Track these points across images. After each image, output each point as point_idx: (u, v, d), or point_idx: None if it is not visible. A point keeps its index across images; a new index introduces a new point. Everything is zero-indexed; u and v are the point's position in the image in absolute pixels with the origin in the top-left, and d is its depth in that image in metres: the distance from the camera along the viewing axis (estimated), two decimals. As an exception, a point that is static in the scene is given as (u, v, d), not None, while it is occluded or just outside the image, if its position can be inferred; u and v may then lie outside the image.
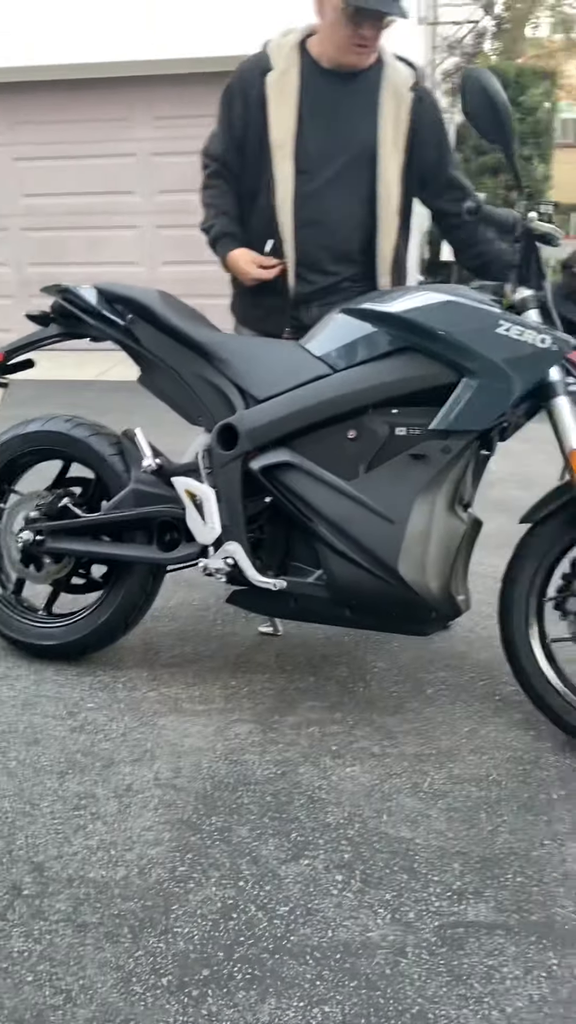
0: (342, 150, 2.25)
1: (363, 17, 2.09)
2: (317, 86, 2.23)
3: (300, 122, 2.22)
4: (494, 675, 2.40)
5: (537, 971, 1.46)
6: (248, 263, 2.28)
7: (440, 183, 2.33)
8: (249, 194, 2.32)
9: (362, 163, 2.25)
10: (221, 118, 2.32)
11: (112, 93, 7.58)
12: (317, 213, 2.26)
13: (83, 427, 2.39)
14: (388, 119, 2.23)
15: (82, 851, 1.74)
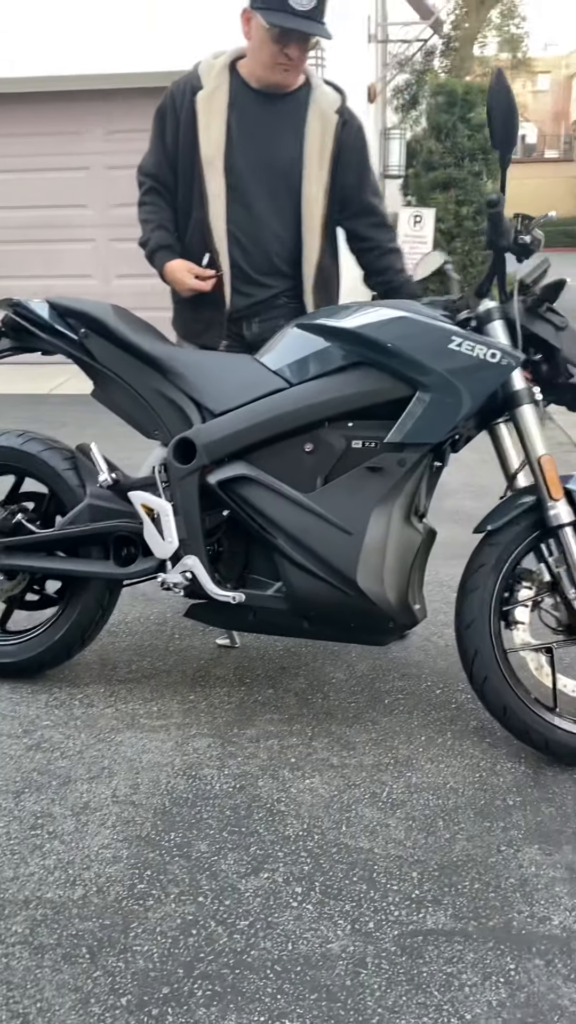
0: (269, 168, 2.30)
1: (288, 38, 2.14)
2: (246, 105, 2.28)
3: (229, 139, 2.27)
4: (450, 683, 2.43)
5: (495, 977, 1.48)
6: (185, 273, 2.32)
7: (356, 206, 2.38)
8: (184, 209, 2.37)
9: (288, 181, 2.31)
10: (154, 136, 2.37)
11: (66, 106, 7.56)
12: (248, 228, 2.32)
13: (36, 442, 2.37)
14: (314, 140, 2.29)
15: (39, 871, 1.72)
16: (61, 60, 7.15)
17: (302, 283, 2.37)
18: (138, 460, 2.31)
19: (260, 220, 2.32)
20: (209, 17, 7.02)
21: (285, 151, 2.29)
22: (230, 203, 2.29)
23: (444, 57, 13.54)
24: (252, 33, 2.19)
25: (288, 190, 2.30)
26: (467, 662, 2.03)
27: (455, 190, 8.11)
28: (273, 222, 2.32)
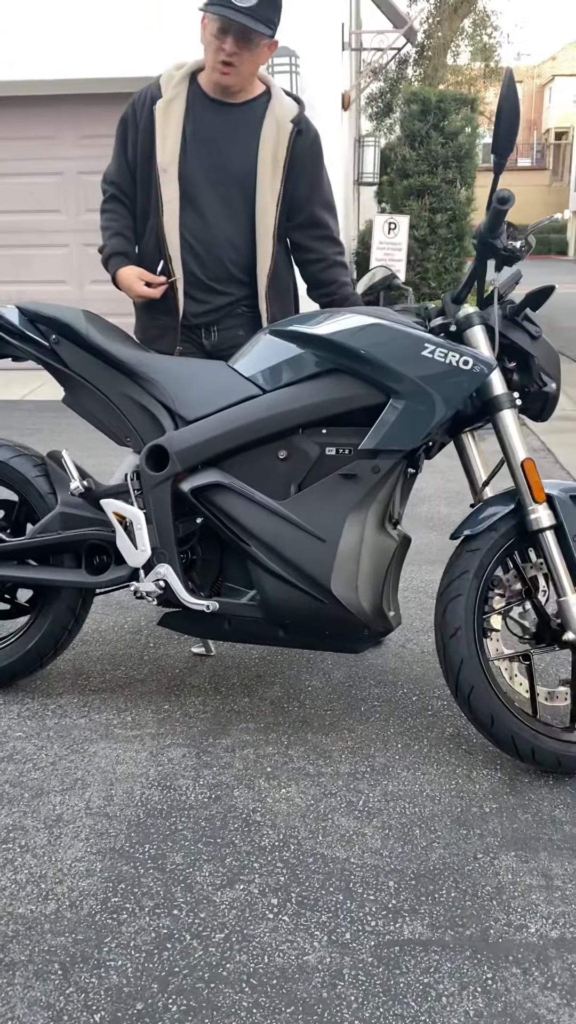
0: (223, 176, 2.31)
1: (225, 32, 2.15)
2: (202, 114, 2.29)
3: (184, 147, 2.28)
4: (426, 690, 2.43)
5: (472, 986, 1.47)
6: (135, 280, 2.34)
7: (303, 217, 2.38)
8: (142, 216, 2.39)
9: (242, 189, 2.31)
10: (116, 145, 2.39)
11: (38, 111, 7.52)
12: (202, 235, 2.32)
13: (5, 448, 2.34)
14: (267, 148, 2.30)
15: (10, 886, 1.69)
16: (35, 65, 7.11)
17: (256, 290, 2.38)
18: (110, 467, 2.29)
19: (213, 227, 2.32)
20: (182, 25, 7.01)
21: (239, 159, 2.30)
22: (183, 210, 2.30)
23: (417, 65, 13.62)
24: (204, 36, 2.23)
25: (243, 198, 2.31)
26: (452, 672, 2.00)
27: (429, 197, 8.15)
28: (227, 229, 2.33)
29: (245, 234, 2.34)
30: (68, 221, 7.76)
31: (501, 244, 1.96)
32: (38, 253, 7.80)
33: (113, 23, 7.07)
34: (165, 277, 2.33)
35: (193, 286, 2.36)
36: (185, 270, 2.34)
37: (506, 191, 1.90)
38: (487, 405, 2.02)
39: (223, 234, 2.33)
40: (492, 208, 1.89)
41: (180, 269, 2.34)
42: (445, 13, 13.17)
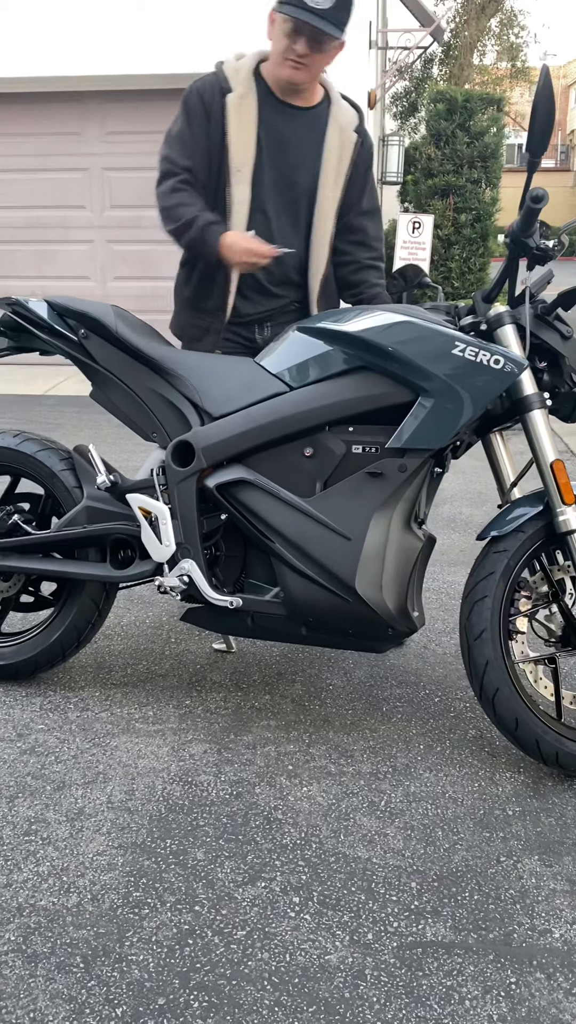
0: (290, 182, 2.30)
1: (298, 33, 2.14)
2: (272, 116, 2.27)
3: (259, 151, 2.26)
4: (448, 691, 2.41)
5: (496, 990, 1.46)
6: (251, 239, 2.21)
7: (348, 222, 2.39)
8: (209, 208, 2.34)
9: (306, 196, 2.32)
10: (185, 129, 2.28)
11: (65, 107, 7.55)
12: (266, 238, 2.29)
13: (32, 442, 2.35)
14: (332, 157, 2.31)
15: (32, 878, 1.69)
16: (61, 61, 7.15)
17: (308, 294, 2.39)
18: (133, 462, 2.29)
19: (277, 232, 2.31)
20: (208, 21, 7.02)
21: (306, 166, 2.31)
22: (252, 212, 2.29)
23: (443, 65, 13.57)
24: (273, 34, 2.20)
25: (305, 204, 2.32)
26: (476, 674, 1.99)
27: (454, 197, 8.11)
28: (289, 235, 2.33)
29: (303, 239, 2.34)
30: (93, 217, 7.78)
31: (534, 243, 1.94)
32: (62, 249, 7.83)
33: (139, 20, 7.09)
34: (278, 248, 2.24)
35: (250, 288, 2.35)
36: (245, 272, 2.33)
37: (540, 189, 1.88)
38: (517, 405, 2.00)
39: (286, 239, 2.32)
40: (525, 207, 1.87)
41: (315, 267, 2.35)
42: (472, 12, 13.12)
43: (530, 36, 27.71)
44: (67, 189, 7.71)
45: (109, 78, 7.21)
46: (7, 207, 7.78)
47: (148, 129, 7.50)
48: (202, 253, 2.27)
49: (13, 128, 7.64)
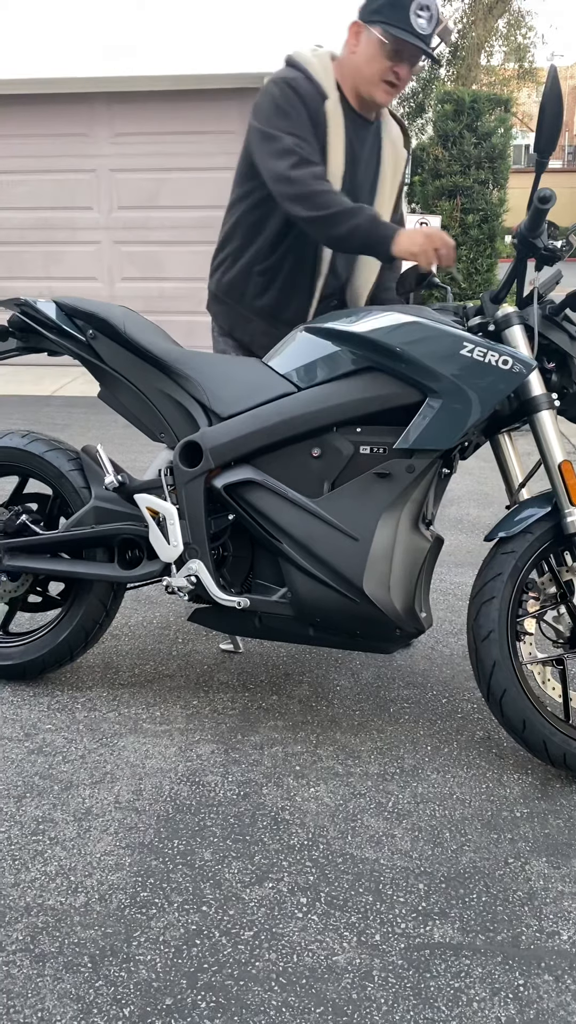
0: (359, 196, 2.31)
1: (401, 56, 2.14)
2: (352, 130, 2.26)
3: (348, 162, 2.26)
4: (456, 693, 2.41)
5: (504, 992, 1.46)
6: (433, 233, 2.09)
7: None
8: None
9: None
10: (302, 130, 2.16)
11: (73, 109, 7.57)
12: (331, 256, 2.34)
13: (40, 442, 2.35)
14: (387, 173, 2.35)
15: (40, 878, 1.70)
16: (69, 62, 7.16)
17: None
18: (140, 462, 2.30)
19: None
20: (216, 23, 7.03)
21: (369, 180, 2.34)
22: None
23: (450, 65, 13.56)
24: (361, 47, 2.17)
25: None
26: (484, 675, 1.98)
27: (461, 198, 8.11)
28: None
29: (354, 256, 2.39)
30: (100, 218, 7.80)
31: (542, 243, 1.94)
32: (70, 249, 7.85)
33: (146, 22, 7.11)
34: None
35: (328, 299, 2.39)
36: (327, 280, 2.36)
37: (547, 190, 1.88)
38: (525, 406, 2.00)
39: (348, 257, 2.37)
40: (533, 207, 1.87)
41: (323, 275, 2.34)
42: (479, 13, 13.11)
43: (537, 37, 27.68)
44: (75, 190, 7.73)
45: (117, 80, 7.22)
46: (15, 208, 7.81)
47: (156, 131, 7.52)
48: (366, 244, 2.12)
49: (21, 129, 7.66)
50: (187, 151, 7.49)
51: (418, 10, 2.09)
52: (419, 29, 2.10)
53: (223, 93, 7.37)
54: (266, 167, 2.17)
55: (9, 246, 7.89)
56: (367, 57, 2.17)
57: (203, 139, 7.48)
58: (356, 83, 2.21)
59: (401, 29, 2.10)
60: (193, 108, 7.41)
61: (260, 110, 2.19)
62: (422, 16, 2.10)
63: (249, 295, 2.40)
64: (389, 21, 2.11)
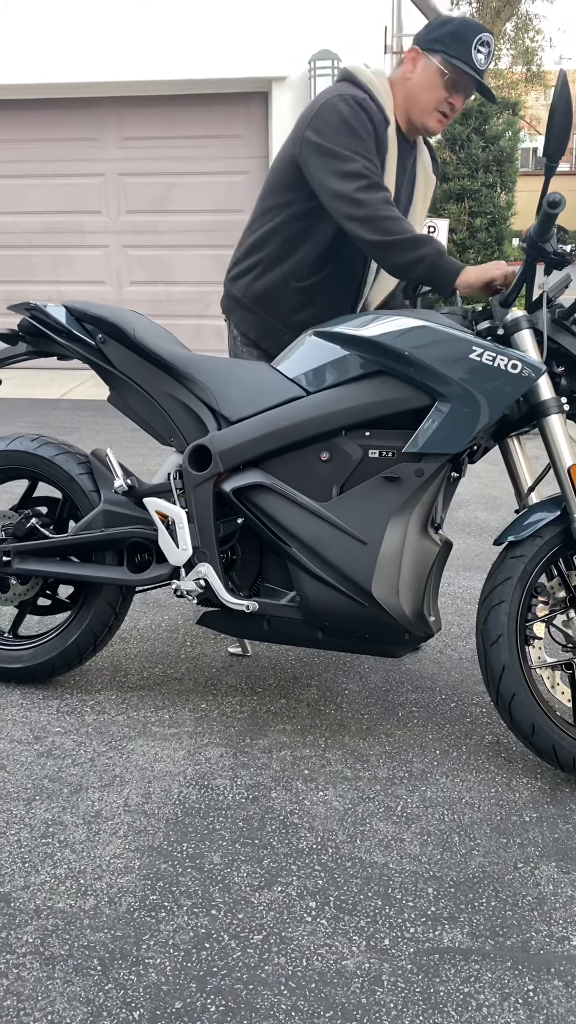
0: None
1: (458, 88, 2.19)
2: (401, 155, 2.28)
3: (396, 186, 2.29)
4: (464, 697, 2.40)
5: (514, 997, 1.45)
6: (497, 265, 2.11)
7: None
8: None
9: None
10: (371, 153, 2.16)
11: (81, 113, 7.60)
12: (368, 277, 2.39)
13: (50, 446, 2.36)
14: (420, 195, 2.40)
15: (50, 880, 1.70)
16: (79, 67, 7.19)
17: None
18: (148, 466, 2.30)
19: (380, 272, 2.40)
20: (225, 28, 7.05)
21: (406, 202, 2.38)
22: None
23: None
24: (420, 74, 2.20)
25: None
26: (493, 679, 1.98)
27: (469, 201, 8.10)
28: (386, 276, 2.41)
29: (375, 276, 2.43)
30: (109, 222, 7.82)
31: (551, 247, 1.94)
32: (78, 254, 7.87)
33: (155, 27, 7.13)
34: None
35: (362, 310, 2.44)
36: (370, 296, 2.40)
37: (557, 194, 1.88)
38: (534, 410, 2.00)
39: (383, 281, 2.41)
40: (542, 211, 1.87)
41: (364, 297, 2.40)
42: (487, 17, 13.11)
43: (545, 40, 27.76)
44: (83, 194, 7.76)
45: (126, 84, 7.25)
46: (24, 212, 7.84)
47: (164, 135, 7.54)
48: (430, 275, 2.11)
49: (30, 134, 7.70)
50: (195, 155, 7.52)
51: (479, 45, 2.16)
52: (477, 64, 2.17)
53: (231, 97, 7.39)
54: (326, 185, 2.13)
55: (18, 250, 7.92)
56: (425, 85, 2.20)
57: (211, 143, 7.50)
58: (409, 109, 2.24)
59: (462, 62, 2.15)
60: (201, 112, 7.43)
61: (326, 125, 2.14)
62: (481, 52, 2.17)
63: (283, 308, 2.37)
64: (450, 52, 2.16)
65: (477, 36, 2.15)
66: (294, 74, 7.15)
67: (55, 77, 7.24)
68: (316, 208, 2.23)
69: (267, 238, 2.35)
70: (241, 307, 2.45)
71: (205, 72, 7.11)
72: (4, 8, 7.23)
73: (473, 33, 2.16)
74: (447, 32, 2.17)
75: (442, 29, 2.19)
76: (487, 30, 2.23)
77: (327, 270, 2.34)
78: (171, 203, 7.66)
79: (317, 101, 2.22)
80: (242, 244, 2.44)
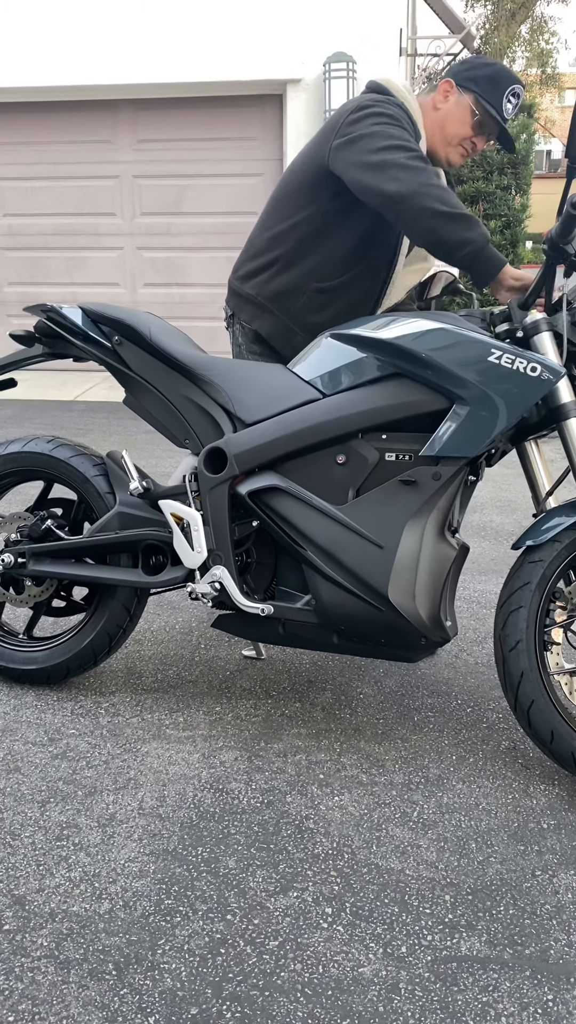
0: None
1: (482, 131, 2.25)
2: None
3: None
4: (480, 702, 2.39)
5: (533, 1007, 1.44)
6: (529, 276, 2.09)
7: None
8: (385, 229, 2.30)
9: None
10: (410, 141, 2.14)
11: (96, 115, 7.63)
12: (382, 291, 2.44)
13: (65, 447, 2.36)
14: None
15: (65, 883, 1.69)
16: (94, 70, 7.21)
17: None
18: (163, 468, 2.30)
19: (396, 282, 2.45)
20: (239, 31, 7.05)
21: None
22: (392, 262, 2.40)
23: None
24: (451, 107, 2.26)
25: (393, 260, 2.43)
26: (511, 685, 1.96)
27: (483, 204, 8.08)
28: (398, 283, 2.47)
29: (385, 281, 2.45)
30: (123, 224, 7.84)
31: (572, 249, 1.92)
32: (92, 256, 7.90)
33: (170, 29, 7.14)
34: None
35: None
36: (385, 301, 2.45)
37: None
38: (553, 413, 1.98)
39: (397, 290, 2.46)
40: (565, 212, 1.85)
41: (383, 307, 2.44)
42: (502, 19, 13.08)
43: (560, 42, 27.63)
44: (98, 196, 7.79)
45: (141, 87, 7.27)
46: (39, 214, 7.87)
47: (178, 137, 7.56)
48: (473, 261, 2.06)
49: (45, 136, 7.73)
50: (209, 157, 7.53)
51: (510, 95, 2.22)
52: (505, 112, 2.23)
53: (245, 100, 7.40)
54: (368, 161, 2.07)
55: (33, 252, 7.95)
56: (455, 118, 2.26)
57: (225, 146, 7.51)
58: (433, 136, 2.28)
59: (493, 107, 2.21)
60: (216, 115, 7.45)
61: (360, 118, 2.12)
62: (511, 102, 2.23)
63: (298, 309, 2.36)
64: (484, 95, 2.22)
65: (511, 87, 2.23)
66: (309, 76, 7.16)
67: (70, 80, 7.27)
68: (341, 208, 2.23)
69: (286, 236, 2.34)
70: (254, 305, 2.43)
71: (219, 75, 7.13)
72: (17, 11, 7.26)
73: (508, 82, 2.23)
74: (484, 75, 2.23)
75: (480, 71, 2.25)
76: (521, 82, 2.29)
77: (352, 273, 2.33)
78: (185, 205, 7.68)
79: (347, 106, 2.23)
80: (254, 242, 2.43)
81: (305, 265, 2.33)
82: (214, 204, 7.57)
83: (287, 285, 2.36)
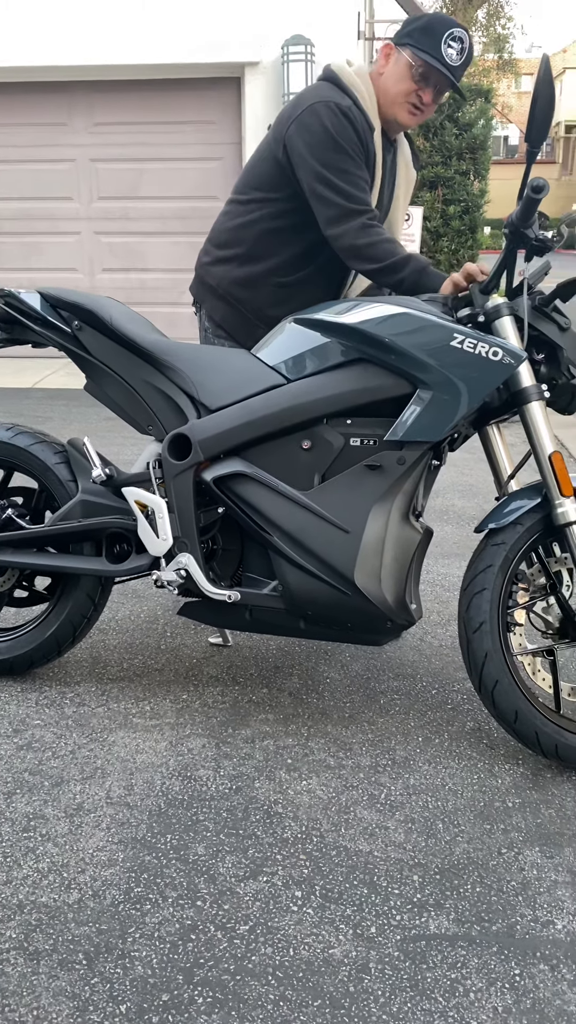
0: (382, 217, 2.34)
1: (427, 81, 2.19)
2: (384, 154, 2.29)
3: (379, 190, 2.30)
4: (445, 684, 2.41)
5: (500, 982, 1.46)
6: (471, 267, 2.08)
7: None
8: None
9: (388, 227, 2.40)
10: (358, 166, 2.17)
11: (51, 97, 7.48)
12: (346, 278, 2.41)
13: (25, 435, 2.33)
14: (401, 193, 2.40)
15: (32, 875, 1.68)
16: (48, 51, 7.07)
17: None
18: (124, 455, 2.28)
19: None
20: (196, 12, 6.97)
21: (388, 200, 2.38)
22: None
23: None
24: (390, 68, 2.22)
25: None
26: (476, 667, 1.98)
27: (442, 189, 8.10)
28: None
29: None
30: (80, 209, 7.73)
31: (533, 234, 1.93)
32: (49, 240, 7.77)
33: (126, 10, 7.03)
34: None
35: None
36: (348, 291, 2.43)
37: (540, 179, 1.87)
38: (515, 397, 2.00)
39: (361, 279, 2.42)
40: (526, 196, 1.86)
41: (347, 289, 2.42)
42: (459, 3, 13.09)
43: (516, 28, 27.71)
44: (54, 180, 7.65)
45: (96, 68, 7.14)
46: (-6, 198, 7.72)
47: (135, 120, 7.45)
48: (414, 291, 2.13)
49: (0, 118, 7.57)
50: (167, 141, 7.44)
51: (450, 40, 2.16)
52: (448, 59, 2.16)
53: (204, 83, 7.32)
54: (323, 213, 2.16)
55: (-12, 237, 7.80)
56: (395, 78, 2.21)
57: (183, 129, 7.42)
58: (382, 102, 2.24)
59: (429, 55, 2.15)
60: (173, 98, 7.35)
61: (314, 138, 2.13)
62: (452, 47, 2.17)
63: (260, 302, 2.35)
64: (419, 46, 2.17)
65: (448, 31, 2.17)
66: (267, 59, 7.10)
67: (22, 60, 7.12)
68: (299, 208, 2.23)
69: (245, 230, 2.33)
70: (215, 296, 2.42)
71: (176, 57, 7.03)
72: (-30, -11, 7.10)
73: (443, 28, 2.17)
74: (417, 27, 2.19)
75: (413, 24, 2.22)
76: (460, 26, 2.23)
77: (310, 269, 2.33)
78: (143, 189, 7.58)
79: (300, 102, 2.20)
80: (219, 231, 2.41)
81: (270, 261, 2.32)
82: (173, 188, 7.49)
83: (248, 279, 2.35)
